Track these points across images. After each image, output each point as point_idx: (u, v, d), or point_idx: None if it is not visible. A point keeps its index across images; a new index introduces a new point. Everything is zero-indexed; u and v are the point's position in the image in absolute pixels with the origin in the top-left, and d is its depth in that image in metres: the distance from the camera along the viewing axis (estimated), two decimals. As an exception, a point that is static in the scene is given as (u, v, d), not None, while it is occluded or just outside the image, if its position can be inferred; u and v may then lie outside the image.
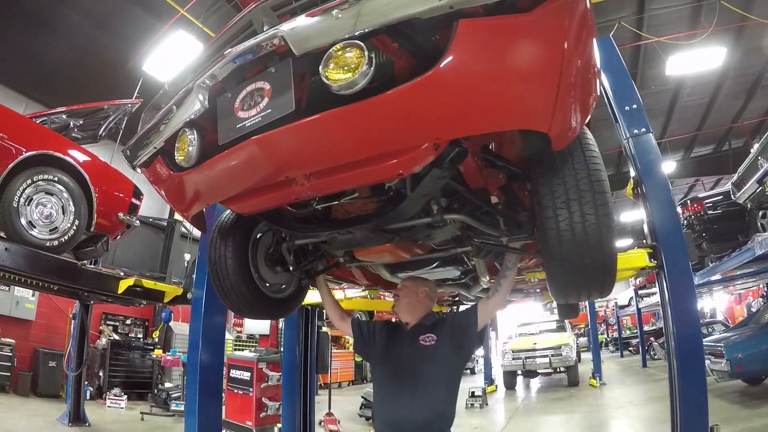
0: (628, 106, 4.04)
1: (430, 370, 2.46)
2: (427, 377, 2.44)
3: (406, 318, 2.71)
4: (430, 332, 2.57)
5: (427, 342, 2.53)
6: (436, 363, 2.48)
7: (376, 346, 2.72)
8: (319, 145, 1.55)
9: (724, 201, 8.40)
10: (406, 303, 2.72)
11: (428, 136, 1.48)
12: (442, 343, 2.52)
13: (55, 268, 4.13)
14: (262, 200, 1.91)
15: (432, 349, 2.51)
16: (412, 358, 2.51)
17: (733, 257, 7.25)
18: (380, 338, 2.72)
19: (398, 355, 2.57)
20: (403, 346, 2.59)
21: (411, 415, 2.37)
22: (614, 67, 4.22)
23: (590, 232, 1.75)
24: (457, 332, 2.55)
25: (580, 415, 9.00)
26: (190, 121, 1.82)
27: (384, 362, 2.63)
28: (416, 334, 2.59)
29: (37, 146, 4.19)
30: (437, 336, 2.54)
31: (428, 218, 2.10)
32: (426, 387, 2.42)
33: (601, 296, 2.08)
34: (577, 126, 1.68)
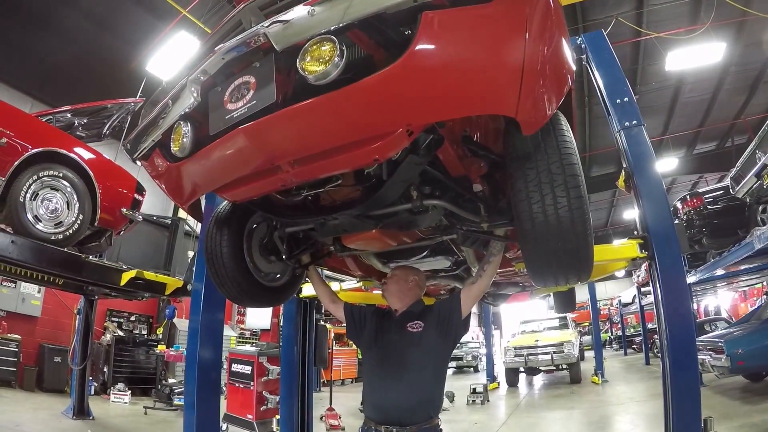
0: (619, 98, 4.07)
1: (416, 356, 2.51)
2: (413, 363, 2.50)
3: (395, 305, 2.76)
4: (418, 319, 2.62)
5: (414, 329, 2.58)
6: (423, 349, 2.53)
7: (366, 331, 2.78)
8: (298, 133, 1.65)
9: (724, 196, 8.40)
10: (396, 290, 2.77)
11: (399, 123, 1.57)
12: (428, 329, 2.58)
13: (60, 260, 4.25)
14: (252, 188, 2.01)
15: (419, 336, 2.56)
16: (399, 344, 2.57)
17: (732, 252, 7.24)
18: (370, 324, 2.78)
19: (387, 341, 2.63)
20: (391, 332, 2.65)
21: (398, 399, 2.43)
22: (606, 60, 4.27)
23: (562, 214, 1.82)
24: (443, 319, 2.60)
25: (580, 411, 9.02)
26: (185, 115, 1.93)
27: (373, 347, 2.69)
28: (404, 321, 2.64)
29: (42, 143, 4.32)
30: (424, 323, 2.59)
31: (408, 204, 2.19)
32: (413, 373, 2.48)
33: (579, 281, 2.15)
34: (546, 112, 1.75)
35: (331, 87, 1.50)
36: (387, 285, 2.83)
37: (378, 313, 2.87)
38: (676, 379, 3.38)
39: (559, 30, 1.70)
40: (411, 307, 2.73)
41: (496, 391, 12.82)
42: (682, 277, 3.64)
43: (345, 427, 7.99)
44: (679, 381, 3.37)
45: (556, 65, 1.70)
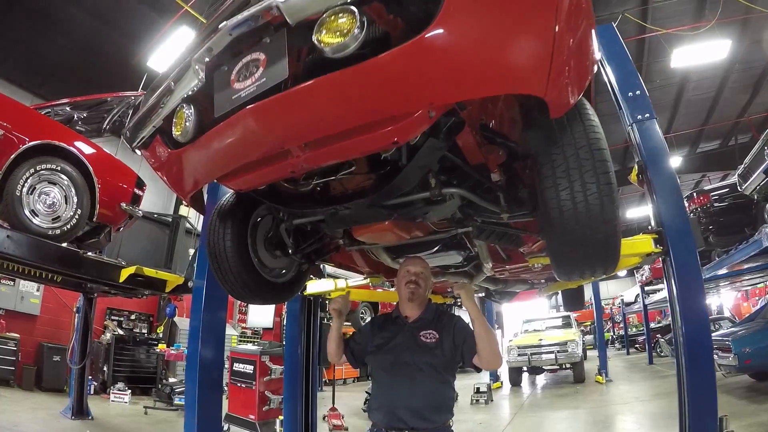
0: (631, 92, 3.99)
1: (429, 366, 2.36)
2: (426, 369, 2.35)
3: (410, 312, 2.56)
4: (432, 329, 2.45)
5: (428, 339, 2.42)
6: (436, 360, 2.38)
7: (371, 344, 2.56)
8: (312, 113, 1.54)
9: (731, 193, 8.32)
10: (422, 295, 2.57)
11: (421, 102, 1.46)
12: (443, 342, 2.41)
13: (58, 256, 4.15)
14: (259, 175, 1.90)
15: (433, 347, 2.40)
16: (411, 353, 2.39)
17: (740, 250, 7.19)
18: (374, 335, 2.58)
19: (396, 347, 2.44)
20: (401, 338, 2.47)
21: (411, 404, 2.30)
22: (617, 53, 4.17)
23: (592, 201, 1.73)
24: (456, 345, 2.42)
25: (585, 410, 8.93)
26: (188, 97, 1.82)
27: (379, 354, 2.50)
28: (417, 329, 2.47)
29: (40, 136, 4.22)
30: (439, 334, 2.43)
31: (426, 192, 2.07)
32: (426, 378, 2.34)
33: (606, 273, 2.05)
34: (575, 92, 1.66)
35: (349, 62, 1.39)
36: (416, 289, 2.55)
37: (379, 321, 2.69)
38: (692, 377, 3.33)
39: (588, 9, 1.61)
40: (424, 314, 2.55)
41: (500, 391, 12.72)
42: (697, 273, 3.55)
43: (348, 427, 7.88)
44: (695, 379, 3.32)
45: (584, 45, 1.62)
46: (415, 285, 2.53)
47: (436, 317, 2.53)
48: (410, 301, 2.52)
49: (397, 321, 2.56)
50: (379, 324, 2.63)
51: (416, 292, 2.53)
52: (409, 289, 2.53)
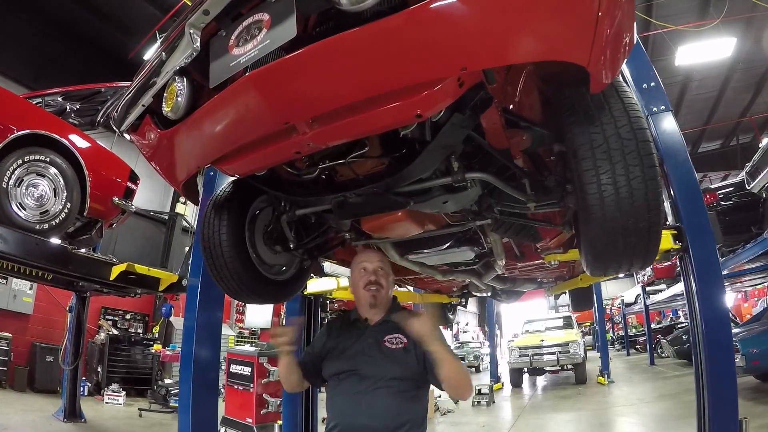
0: (645, 83, 3.83)
1: (396, 380, 2.01)
2: (393, 386, 2.00)
3: (371, 314, 2.20)
4: (399, 332, 2.08)
5: (394, 344, 2.07)
6: (406, 371, 2.04)
7: (326, 351, 2.20)
8: (323, 80, 1.34)
9: (737, 192, 8.20)
10: (385, 297, 2.22)
11: (453, 66, 1.27)
12: (414, 347, 2.03)
13: (44, 252, 3.94)
14: (259, 156, 1.70)
15: (401, 355, 2.05)
16: (373, 364, 2.04)
17: (747, 249, 7.12)
18: (329, 341, 2.22)
19: (357, 359, 2.08)
20: (362, 346, 2.10)
21: (371, 426, 1.95)
22: (630, 44, 4.01)
23: (635, 186, 1.55)
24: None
25: (589, 412, 8.81)
26: (181, 69, 1.63)
27: (336, 365, 2.13)
28: (381, 333, 2.12)
29: (28, 126, 4.02)
30: (407, 338, 2.05)
31: (447, 178, 1.87)
32: (389, 397, 1.98)
33: (644, 266, 1.86)
34: (617, 64, 1.51)
35: (370, 18, 1.20)
36: (379, 290, 2.18)
37: (337, 324, 2.32)
38: (713, 377, 3.18)
39: None
40: (388, 315, 2.18)
41: (501, 392, 12.57)
42: (717, 270, 3.43)
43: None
44: (716, 379, 3.17)
45: (627, 14, 1.44)
46: (377, 286, 2.17)
47: (402, 317, 2.09)
48: (372, 307, 2.17)
49: (356, 324, 2.20)
50: (336, 328, 2.27)
51: (379, 296, 2.17)
52: (371, 293, 2.16)
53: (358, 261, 2.27)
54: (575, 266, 4.61)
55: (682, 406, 7.94)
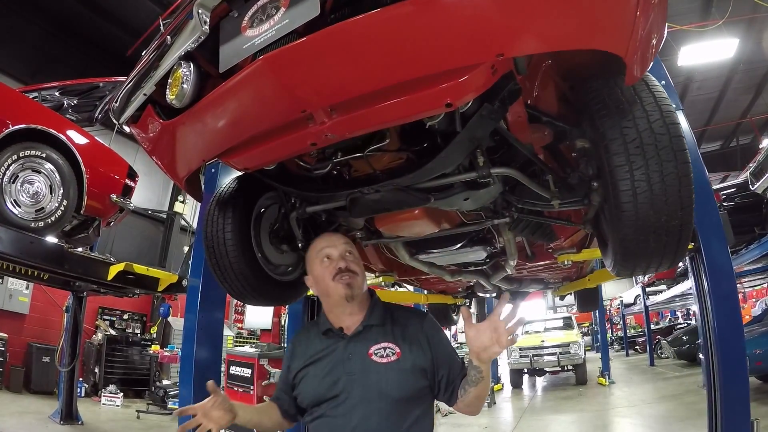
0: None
1: (395, 395, 1.59)
2: (391, 404, 1.58)
3: (350, 318, 1.73)
4: (388, 340, 1.67)
5: (385, 357, 1.63)
6: (404, 386, 1.61)
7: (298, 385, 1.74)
8: (347, 64, 1.24)
9: (740, 192, 8.16)
10: (361, 287, 1.77)
11: (489, 51, 1.18)
12: (410, 358, 1.64)
13: (40, 250, 3.83)
14: (271, 148, 1.60)
15: (396, 368, 1.62)
16: (363, 381, 1.60)
17: (751, 249, 7.13)
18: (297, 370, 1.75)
19: (340, 380, 1.62)
20: (341, 364, 1.65)
21: None
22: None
23: (669, 183, 1.47)
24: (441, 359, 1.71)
25: (591, 414, 8.75)
26: (187, 54, 1.52)
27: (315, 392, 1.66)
28: (364, 343, 1.67)
29: (24, 120, 3.90)
30: (400, 347, 1.65)
31: (472, 173, 1.77)
32: (394, 418, 1.58)
33: (671, 266, 1.78)
34: (650, 56, 1.44)
35: None
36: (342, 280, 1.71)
37: (302, 339, 1.85)
38: (726, 378, 3.16)
39: None
40: (369, 318, 1.72)
41: (501, 393, 12.51)
42: (729, 270, 3.40)
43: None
44: (729, 380, 3.15)
45: (661, 10, 1.38)
46: (350, 274, 1.71)
47: (389, 319, 1.74)
48: (349, 300, 1.69)
49: (329, 336, 1.74)
50: (303, 345, 1.79)
51: (354, 284, 1.71)
52: (344, 282, 1.69)
53: (318, 249, 1.77)
54: (583, 266, 4.54)
55: (684, 408, 7.90)
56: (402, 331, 1.70)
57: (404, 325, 1.73)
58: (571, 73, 1.79)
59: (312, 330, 1.84)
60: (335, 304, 1.73)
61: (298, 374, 1.72)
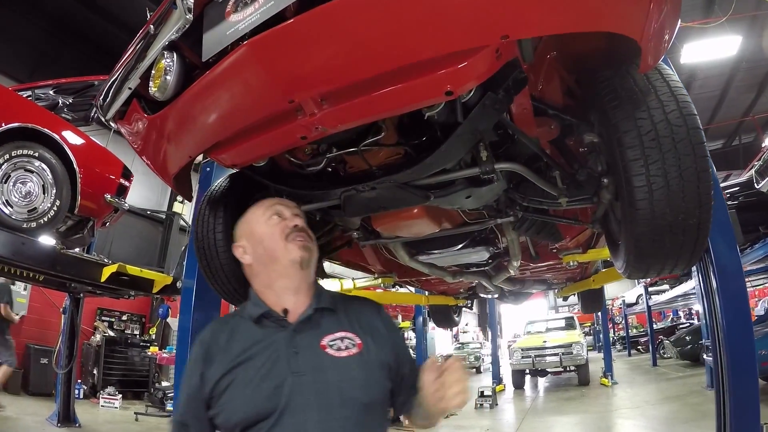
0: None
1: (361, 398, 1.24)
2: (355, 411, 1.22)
3: (296, 299, 1.34)
4: (345, 329, 1.32)
5: (343, 349, 1.28)
6: (368, 386, 1.27)
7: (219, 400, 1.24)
8: (336, 47, 1.15)
9: (744, 191, 8.08)
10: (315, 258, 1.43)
11: (493, 32, 1.08)
12: (375, 351, 1.32)
13: (32, 252, 3.74)
14: (259, 143, 1.51)
15: (358, 363, 1.27)
16: (318, 382, 1.21)
17: (756, 249, 7.09)
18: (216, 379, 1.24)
19: (285, 383, 1.20)
20: (288, 359, 1.24)
21: None
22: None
23: (687, 178, 1.38)
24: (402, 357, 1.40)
25: (594, 415, 8.66)
26: (171, 44, 1.43)
27: (248, 406, 1.20)
28: (316, 331, 1.30)
29: (16, 119, 3.82)
30: (357, 335, 1.32)
31: (475, 168, 1.67)
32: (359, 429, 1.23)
33: (687, 267, 1.69)
34: (666, 43, 1.34)
35: None
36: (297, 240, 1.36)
37: (216, 339, 1.32)
38: (735, 380, 3.10)
39: None
40: (318, 300, 1.37)
41: (503, 394, 12.43)
42: (739, 269, 3.35)
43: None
44: (738, 382, 3.09)
45: None
46: (305, 236, 1.38)
47: (340, 305, 1.41)
48: (304, 268, 1.35)
49: (264, 325, 1.32)
50: (223, 340, 1.31)
51: (312, 251, 1.39)
52: (299, 243, 1.36)
53: (266, 205, 1.43)
54: (588, 267, 4.45)
55: (688, 409, 7.83)
56: (358, 319, 1.37)
57: (359, 312, 1.40)
58: (577, 64, 1.71)
59: (232, 321, 1.37)
60: (282, 274, 1.33)
61: (219, 384, 1.23)
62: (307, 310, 1.32)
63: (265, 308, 1.32)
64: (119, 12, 9.82)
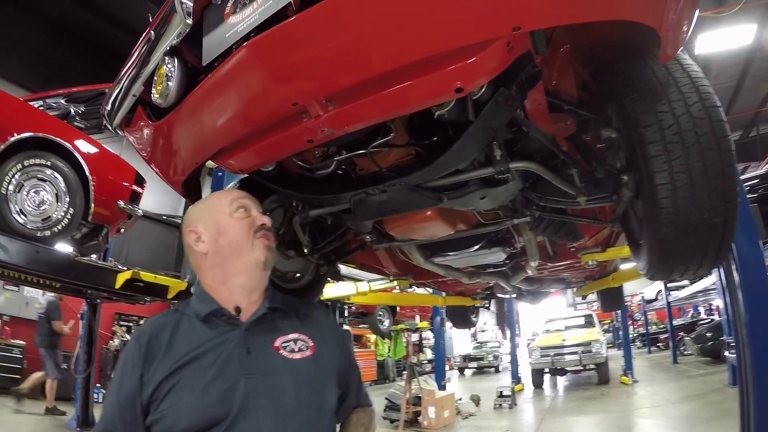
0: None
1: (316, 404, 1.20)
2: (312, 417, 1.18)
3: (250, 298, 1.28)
4: (298, 331, 1.27)
5: (297, 351, 1.22)
6: (323, 390, 1.23)
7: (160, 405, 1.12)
8: (339, 45, 1.10)
9: (762, 183, 7.90)
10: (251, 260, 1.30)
11: (504, 24, 1.02)
12: (325, 351, 1.28)
13: (46, 260, 3.75)
14: (264, 147, 1.46)
15: (311, 366, 1.22)
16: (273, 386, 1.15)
17: None
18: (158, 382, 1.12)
19: (238, 388, 1.12)
20: (239, 361, 1.16)
21: None
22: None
23: (712, 173, 1.31)
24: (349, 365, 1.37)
25: (614, 415, 8.54)
26: (171, 49, 1.40)
27: (196, 413, 1.09)
28: (268, 333, 1.24)
29: (28, 129, 3.84)
30: (310, 337, 1.27)
31: (489, 168, 1.60)
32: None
33: (712, 266, 1.61)
34: (685, 32, 1.28)
35: None
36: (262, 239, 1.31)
37: (156, 339, 1.19)
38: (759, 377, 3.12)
39: None
40: (271, 301, 1.30)
41: (522, 394, 12.31)
42: (761, 263, 3.33)
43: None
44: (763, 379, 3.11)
45: None
46: (271, 237, 1.34)
47: (291, 306, 1.36)
48: (266, 269, 1.30)
49: (212, 323, 1.23)
50: (166, 337, 1.19)
51: (274, 249, 1.34)
52: (265, 244, 1.31)
53: (231, 197, 1.34)
54: (607, 265, 4.36)
55: (710, 408, 7.70)
56: (309, 322, 1.32)
57: (310, 314, 1.36)
58: (592, 56, 1.64)
59: (173, 318, 1.25)
60: (241, 271, 1.26)
61: (160, 386, 1.11)
62: (260, 309, 1.25)
63: (215, 305, 1.24)
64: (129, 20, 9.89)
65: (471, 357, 20.82)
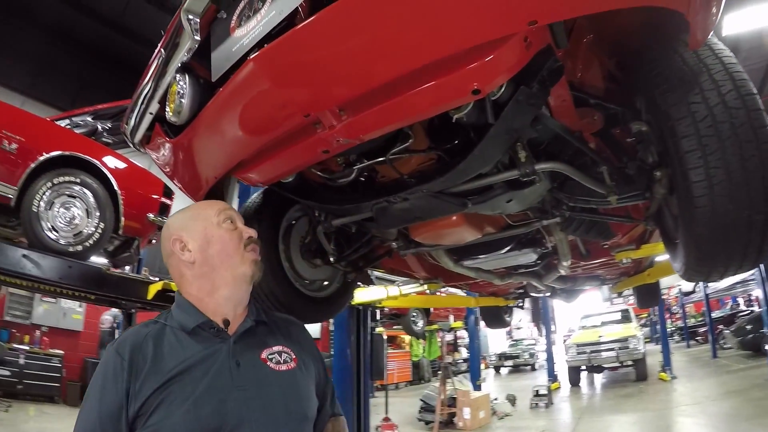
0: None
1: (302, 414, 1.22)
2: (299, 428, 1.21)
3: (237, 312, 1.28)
4: (281, 344, 1.29)
5: (282, 363, 1.24)
6: (308, 402, 1.26)
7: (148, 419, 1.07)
8: (347, 52, 1.06)
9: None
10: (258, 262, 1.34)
11: (519, 18, 0.96)
12: (309, 363, 1.32)
13: (78, 274, 3.82)
14: (280, 160, 1.44)
15: (297, 378, 1.25)
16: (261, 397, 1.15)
17: None
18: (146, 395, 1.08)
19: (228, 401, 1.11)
20: (227, 374, 1.14)
21: None
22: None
23: (751, 168, 1.20)
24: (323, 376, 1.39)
25: (653, 413, 8.36)
26: (182, 66, 1.39)
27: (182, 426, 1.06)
28: (255, 345, 1.24)
29: (56, 148, 3.95)
30: (294, 351, 1.29)
31: (513, 171, 1.53)
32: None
33: (753, 266, 1.48)
34: (717, 11, 1.18)
35: None
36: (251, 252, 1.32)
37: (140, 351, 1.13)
38: None
39: None
40: (258, 314, 1.32)
41: (558, 392, 12.15)
42: None
43: (403, 439, 7.48)
44: None
45: None
46: (258, 251, 1.34)
47: (271, 318, 1.37)
48: (252, 282, 1.31)
49: (199, 336, 1.20)
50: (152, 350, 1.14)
51: (260, 264, 1.34)
52: (253, 257, 1.31)
53: (220, 208, 1.32)
54: (642, 261, 4.22)
55: (751, 405, 7.49)
56: (289, 334, 1.34)
57: (288, 327, 1.38)
58: (617, 46, 1.55)
59: (154, 330, 1.20)
60: (229, 283, 1.26)
61: (149, 400, 1.07)
62: (246, 322, 1.26)
63: (204, 318, 1.22)
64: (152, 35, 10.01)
65: (506, 355, 20.66)
